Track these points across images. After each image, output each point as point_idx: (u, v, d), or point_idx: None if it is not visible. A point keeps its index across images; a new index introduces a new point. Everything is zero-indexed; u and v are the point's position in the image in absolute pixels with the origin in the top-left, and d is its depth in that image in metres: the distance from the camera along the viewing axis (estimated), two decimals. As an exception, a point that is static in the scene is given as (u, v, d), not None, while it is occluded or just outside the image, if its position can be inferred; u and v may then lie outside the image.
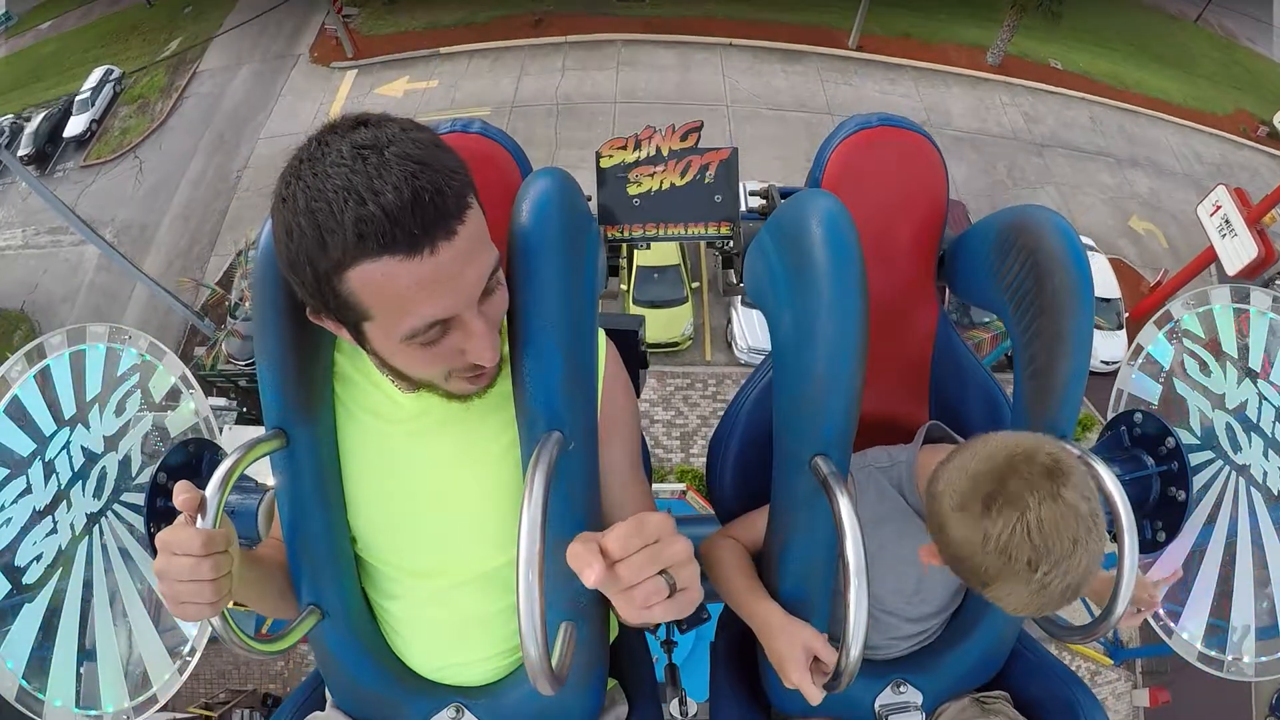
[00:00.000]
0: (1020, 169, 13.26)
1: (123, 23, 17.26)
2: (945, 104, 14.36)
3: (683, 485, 7.71)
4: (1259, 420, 1.26)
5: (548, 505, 0.67)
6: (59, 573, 1.20)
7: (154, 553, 1.18)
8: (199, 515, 0.74)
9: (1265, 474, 1.24)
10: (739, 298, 10.00)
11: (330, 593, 0.93)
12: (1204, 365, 1.29)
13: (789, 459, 0.92)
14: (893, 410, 1.20)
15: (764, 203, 1.36)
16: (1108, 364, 8.84)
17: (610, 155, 1.30)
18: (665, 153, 1.29)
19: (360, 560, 0.97)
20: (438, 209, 0.65)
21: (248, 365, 9.28)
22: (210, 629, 0.89)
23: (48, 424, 1.24)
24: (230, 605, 0.78)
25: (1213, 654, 1.24)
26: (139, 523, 1.22)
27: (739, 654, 1.20)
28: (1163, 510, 1.14)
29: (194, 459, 1.20)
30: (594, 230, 0.92)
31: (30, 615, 1.19)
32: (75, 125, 14.25)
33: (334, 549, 0.93)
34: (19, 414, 1.23)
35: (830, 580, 0.96)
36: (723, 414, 1.26)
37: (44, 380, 1.25)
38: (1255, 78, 16.34)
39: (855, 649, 0.78)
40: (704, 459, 1.27)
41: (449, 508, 0.91)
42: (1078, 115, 14.61)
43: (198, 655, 1.26)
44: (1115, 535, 0.88)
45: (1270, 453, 1.25)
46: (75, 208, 9.67)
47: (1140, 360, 1.32)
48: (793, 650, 0.88)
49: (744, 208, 1.34)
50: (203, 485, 0.77)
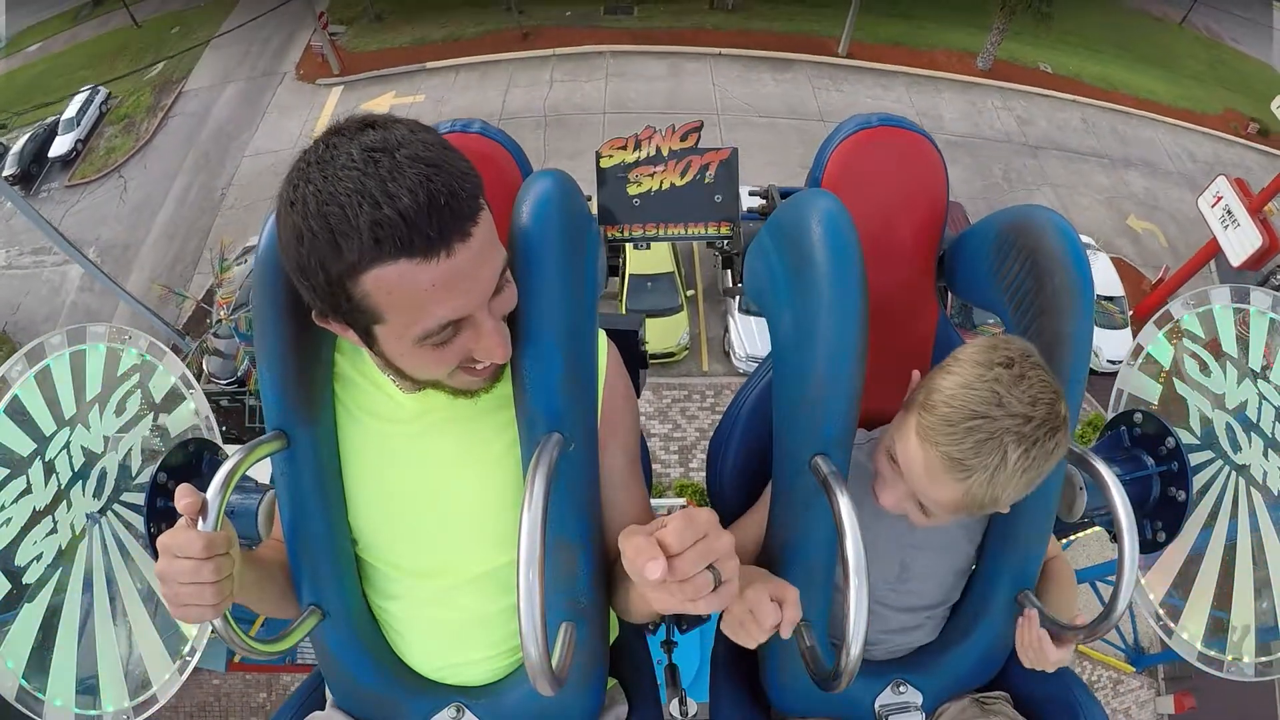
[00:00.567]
0: (1016, 171, 13.25)
1: (110, 44, 17.22)
2: (937, 108, 14.37)
3: (683, 500, 7.53)
4: (1259, 420, 1.26)
5: (548, 505, 0.67)
6: (59, 573, 1.21)
7: (154, 553, 1.18)
8: (200, 518, 0.74)
9: (1265, 474, 1.24)
10: (735, 304, 9.77)
11: (331, 593, 0.93)
12: (1204, 365, 1.30)
13: (789, 459, 0.92)
14: (893, 410, 1.19)
15: (764, 203, 1.36)
16: (1114, 363, 8.85)
17: (610, 155, 1.30)
18: (665, 153, 1.29)
19: (361, 560, 0.97)
20: (453, 211, 0.65)
21: (228, 384, 9.17)
22: (211, 630, 0.89)
23: (48, 424, 1.24)
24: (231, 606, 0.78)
25: (1213, 654, 1.24)
26: (139, 523, 1.22)
27: (739, 654, 1.20)
28: (1163, 510, 1.14)
29: (194, 459, 1.21)
30: (594, 230, 0.92)
31: (30, 615, 1.19)
32: (60, 145, 14.20)
33: (334, 549, 0.93)
34: (19, 414, 1.23)
35: (830, 580, 0.96)
36: (722, 415, 1.26)
37: (44, 380, 1.25)
38: (1242, 77, 16.37)
39: (855, 649, 0.78)
40: (703, 474, 1.27)
41: (449, 508, 0.91)
42: (1070, 117, 14.62)
43: (198, 655, 1.26)
44: (1115, 535, 0.88)
45: (1270, 453, 1.25)
46: (59, 227, 9.55)
47: (1140, 360, 1.32)
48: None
49: (744, 208, 1.34)
50: (203, 485, 0.77)
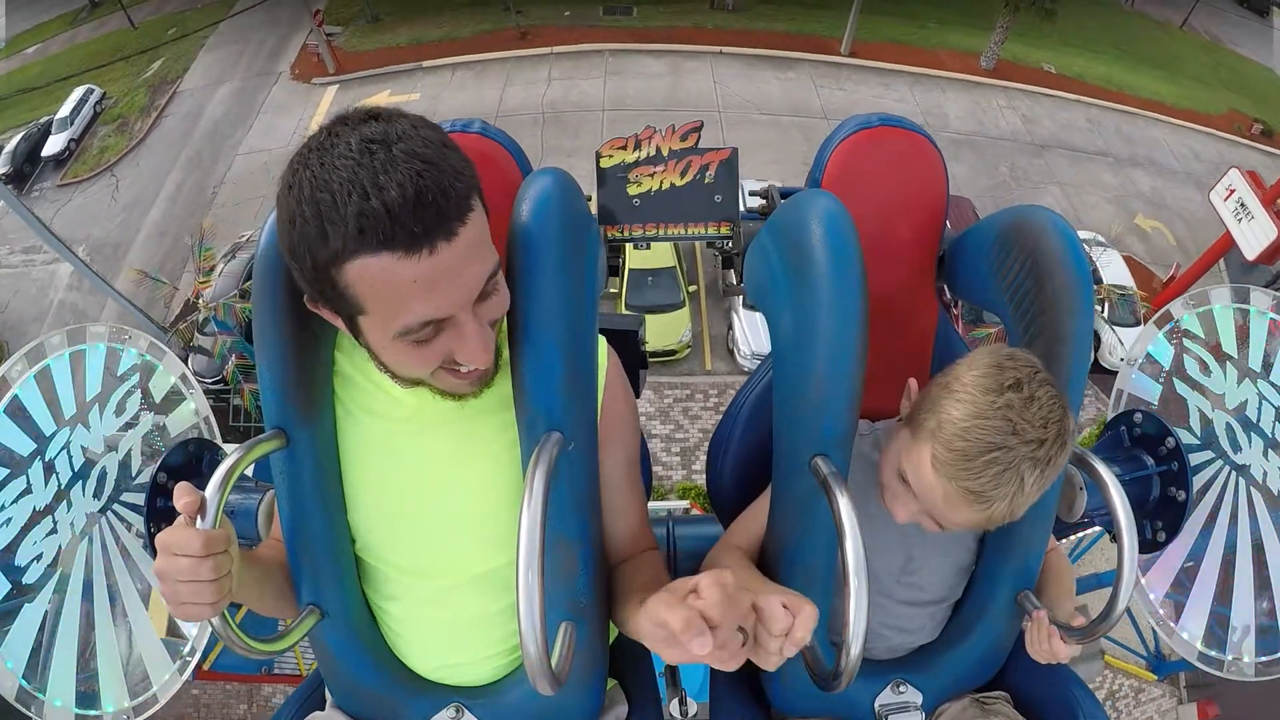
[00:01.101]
0: (1023, 169, 13.21)
1: (106, 45, 17.20)
2: (941, 107, 14.34)
3: (686, 503, 7.31)
4: (1259, 420, 1.26)
5: (548, 505, 0.67)
6: (59, 573, 1.21)
7: (154, 553, 1.18)
8: (199, 516, 0.74)
9: (1265, 474, 1.24)
10: (740, 300, 9.78)
11: (330, 592, 0.93)
12: (1204, 365, 1.30)
13: (789, 459, 0.92)
14: (892, 410, 1.19)
15: (764, 203, 1.36)
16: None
17: (610, 155, 1.30)
18: (665, 153, 1.29)
19: (360, 560, 0.97)
20: (440, 210, 0.65)
21: (214, 383, 9.09)
22: (210, 629, 0.89)
23: (48, 424, 1.24)
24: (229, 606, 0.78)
25: (1213, 654, 1.24)
26: (139, 523, 1.22)
27: (739, 654, 1.20)
28: (1163, 510, 1.14)
29: (194, 459, 1.21)
30: (594, 230, 0.92)
31: (30, 615, 1.19)
32: (54, 144, 14.20)
33: (334, 549, 0.93)
34: (19, 414, 1.23)
35: (831, 580, 0.96)
36: (722, 415, 1.26)
37: (44, 380, 1.25)
38: (1243, 79, 16.39)
39: (855, 649, 0.77)
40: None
41: (449, 508, 0.91)
42: (1074, 117, 14.60)
43: (198, 655, 1.26)
44: (1115, 535, 0.88)
45: (1270, 453, 1.25)
46: (50, 225, 9.47)
47: (1140, 360, 1.32)
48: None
49: (743, 208, 1.34)
50: (203, 485, 0.77)
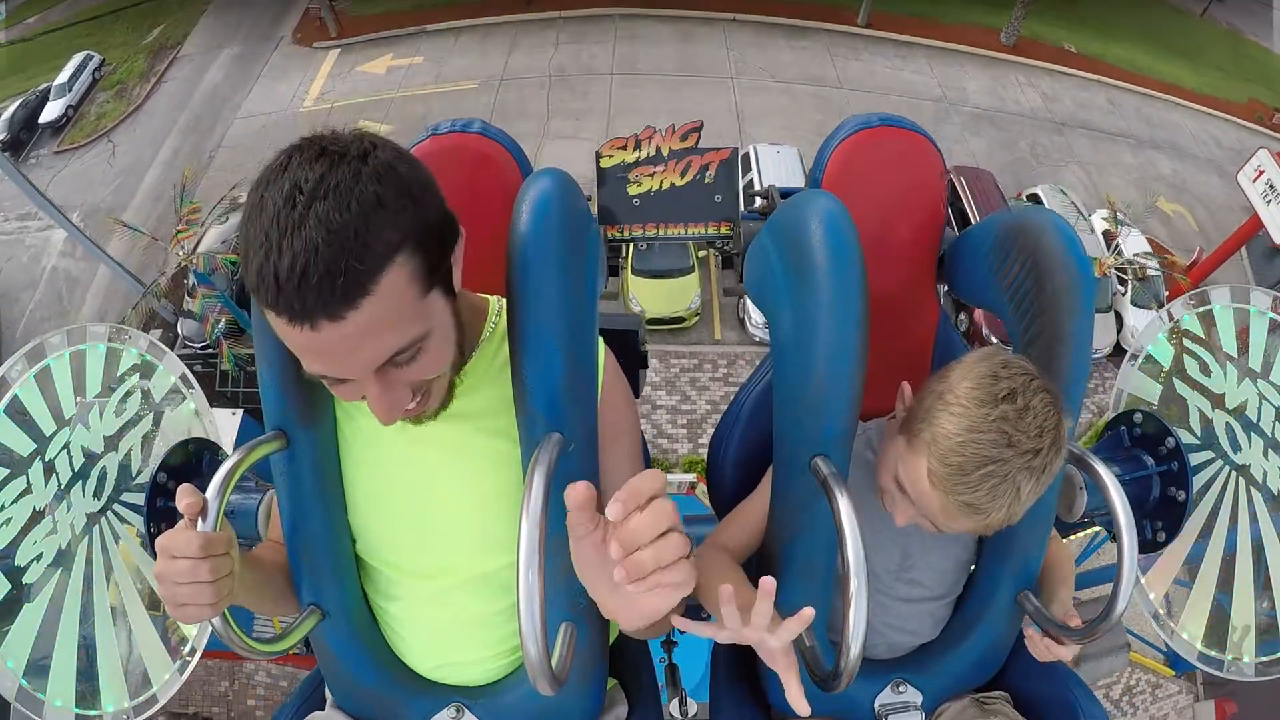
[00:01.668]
0: (1043, 147, 13.01)
1: (108, 12, 16.92)
2: (960, 81, 14.17)
3: (692, 476, 7.00)
4: (1259, 420, 1.26)
5: (548, 506, 0.67)
6: (59, 573, 1.21)
7: (154, 553, 1.18)
8: (199, 518, 0.74)
9: (1265, 474, 1.24)
10: None
11: (330, 593, 0.93)
12: (1204, 365, 1.30)
13: (789, 459, 0.92)
14: (892, 410, 1.20)
15: (764, 203, 1.36)
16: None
17: (610, 155, 1.30)
18: (665, 153, 1.29)
19: (360, 561, 0.97)
20: (319, 293, 0.62)
21: (203, 349, 8.86)
22: (211, 630, 0.89)
23: (48, 424, 1.24)
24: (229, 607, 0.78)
25: (1213, 654, 1.24)
26: (139, 523, 1.22)
27: (739, 654, 1.20)
28: (1163, 510, 1.14)
29: (194, 459, 1.21)
30: (594, 230, 0.92)
31: (30, 615, 1.19)
32: (51, 111, 14.00)
33: (334, 549, 0.93)
34: (19, 414, 1.23)
35: (831, 580, 0.96)
36: (723, 414, 1.26)
37: (44, 380, 1.25)
38: (1263, 69, 16.20)
39: (855, 649, 0.78)
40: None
41: (449, 509, 0.91)
42: (1094, 97, 14.41)
43: (198, 655, 1.26)
44: (1115, 535, 0.88)
45: (1270, 453, 1.25)
46: (46, 192, 9.30)
47: (1140, 360, 1.32)
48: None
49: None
50: (203, 485, 0.77)
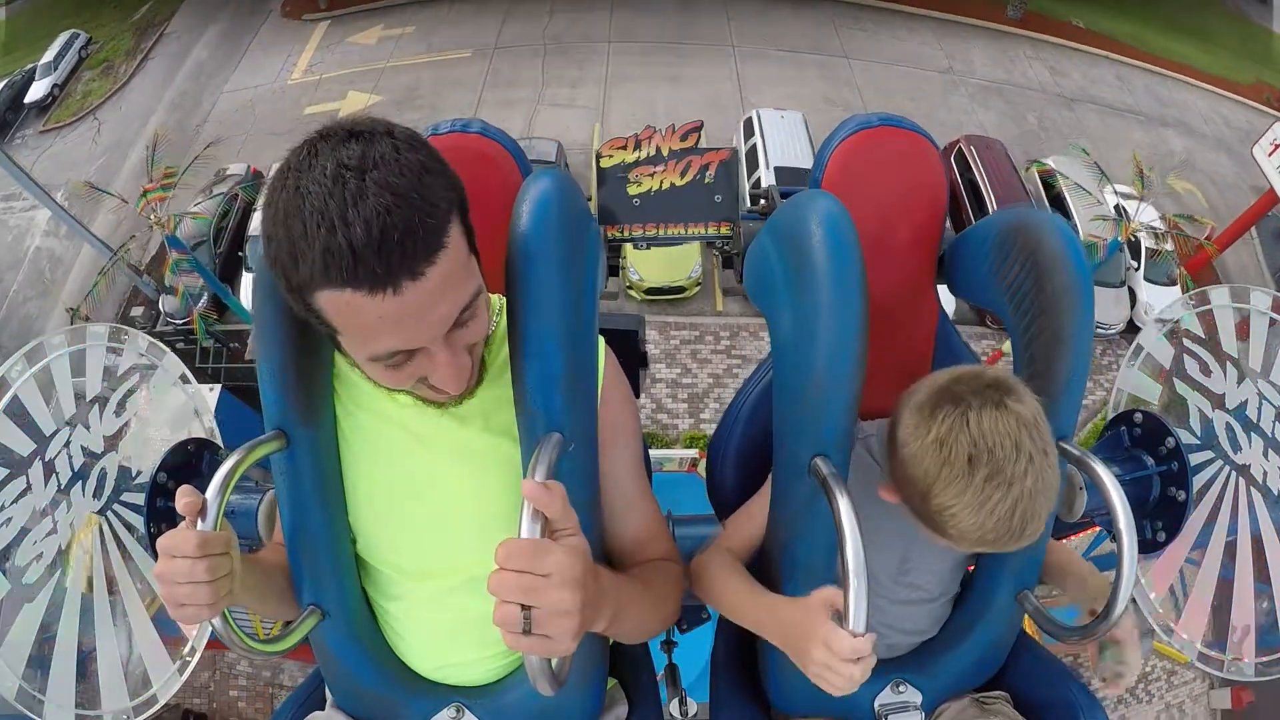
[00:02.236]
0: (1052, 120, 12.95)
1: None
2: (967, 53, 14.14)
3: (693, 452, 6.72)
4: (1259, 420, 1.26)
5: None
6: (59, 573, 1.21)
7: (154, 553, 1.18)
8: (199, 518, 0.74)
9: (1265, 474, 1.24)
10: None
11: (331, 593, 0.93)
12: (1204, 365, 1.30)
13: (789, 460, 0.92)
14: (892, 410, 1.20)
15: (764, 203, 1.36)
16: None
17: (610, 155, 1.30)
18: (665, 153, 1.29)
19: (361, 561, 0.97)
20: (404, 250, 0.63)
21: (185, 323, 8.81)
22: (211, 630, 0.89)
23: (48, 424, 1.24)
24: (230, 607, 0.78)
25: (1213, 654, 1.24)
26: (139, 522, 1.22)
27: (739, 654, 1.20)
28: (1163, 510, 1.14)
29: (194, 459, 1.21)
30: (594, 231, 0.92)
31: (30, 615, 1.19)
32: (37, 90, 13.89)
33: (334, 549, 0.93)
34: (19, 414, 1.23)
35: (830, 580, 0.95)
36: (723, 414, 1.26)
37: (44, 380, 1.25)
38: (1269, 52, 16.05)
39: None
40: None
41: (449, 509, 0.91)
42: (1104, 73, 14.35)
43: (198, 655, 1.26)
44: (1115, 535, 0.88)
45: (1270, 453, 1.25)
46: (31, 172, 9.26)
47: (1140, 360, 1.32)
48: (819, 624, 0.78)
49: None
50: (203, 485, 0.77)
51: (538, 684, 0.66)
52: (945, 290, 1.20)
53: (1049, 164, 10.77)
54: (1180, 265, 9.49)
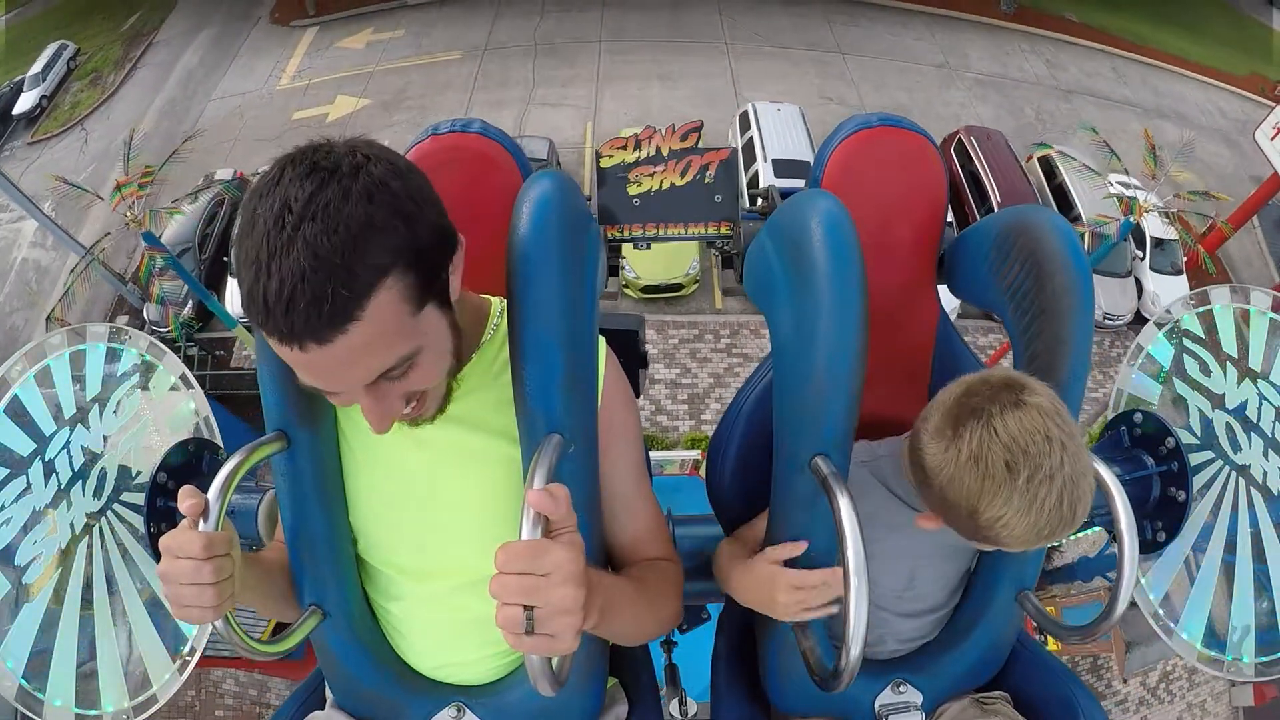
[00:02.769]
0: (1049, 113, 12.99)
1: (84, 2, 16.87)
2: (962, 47, 14.18)
3: (695, 453, 6.59)
4: (1259, 420, 1.26)
5: None
6: (59, 573, 1.21)
7: (154, 553, 1.18)
8: (201, 519, 0.74)
9: (1265, 474, 1.24)
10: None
11: (332, 593, 0.93)
12: (1204, 365, 1.30)
13: (789, 459, 0.92)
14: (893, 410, 1.20)
15: (764, 203, 1.36)
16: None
17: (610, 155, 1.30)
18: (665, 153, 1.29)
19: (361, 561, 0.97)
20: (308, 318, 0.62)
21: (167, 333, 8.79)
22: (211, 630, 0.89)
23: (48, 424, 1.24)
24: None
25: (1212, 654, 1.24)
26: (139, 523, 1.22)
27: (739, 654, 1.20)
28: (1163, 510, 1.14)
29: (194, 459, 1.21)
30: (594, 231, 0.92)
31: (30, 615, 1.19)
32: (25, 101, 13.90)
33: (335, 550, 0.93)
34: (19, 414, 1.23)
35: None
36: (723, 414, 1.26)
37: (44, 380, 1.25)
38: (1263, 44, 16.07)
39: (855, 649, 0.78)
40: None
41: (449, 510, 0.91)
42: (1099, 66, 14.39)
43: (198, 655, 1.26)
44: (1115, 535, 0.88)
45: (1270, 453, 1.25)
46: (19, 183, 9.26)
47: (1140, 360, 1.32)
48: (773, 572, 0.89)
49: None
50: (203, 485, 0.77)
51: (538, 684, 0.66)
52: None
53: (1054, 148, 10.70)
54: (1198, 243, 9.32)
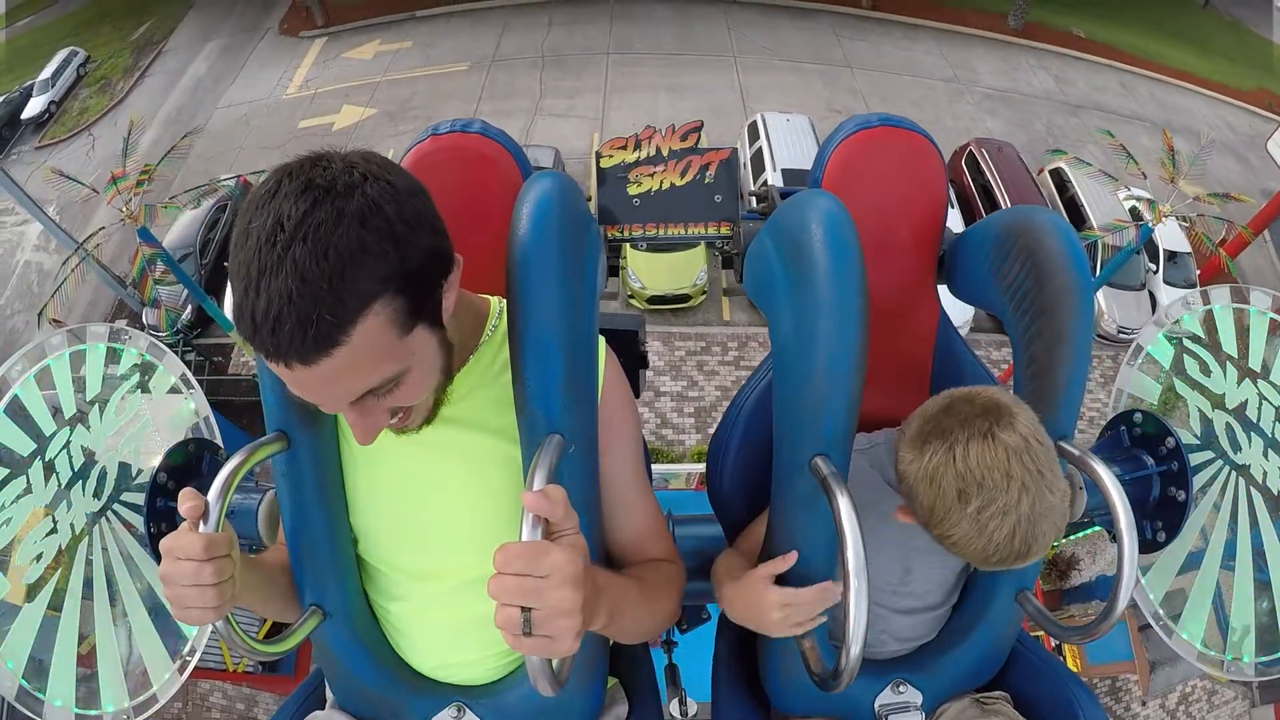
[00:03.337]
0: (1059, 127, 13.02)
1: (95, 11, 17.09)
2: (970, 62, 14.25)
3: (703, 466, 6.72)
4: (1259, 420, 1.26)
5: None
6: (59, 573, 1.21)
7: (154, 553, 1.18)
8: (201, 520, 0.74)
9: (1265, 474, 1.24)
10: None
11: (332, 593, 0.94)
12: (1204, 365, 1.30)
13: (789, 459, 0.92)
14: (893, 410, 1.20)
15: (764, 203, 1.36)
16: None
17: (610, 155, 1.30)
18: (665, 153, 1.29)
19: (362, 561, 0.97)
20: (293, 339, 0.62)
21: (164, 336, 8.83)
22: (211, 630, 0.89)
23: (48, 424, 1.24)
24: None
25: (1212, 654, 1.24)
26: (139, 523, 1.22)
27: (740, 654, 1.20)
28: (1163, 510, 1.14)
29: (194, 459, 1.21)
30: (594, 231, 0.92)
31: (30, 615, 1.19)
32: (34, 106, 14.02)
33: (336, 550, 0.93)
34: (19, 414, 1.23)
35: (831, 580, 0.96)
36: (723, 415, 1.26)
37: (44, 380, 1.25)
38: (1267, 60, 16.14)
39: (855, 649, 0.78)
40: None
41: (449, 510, 0.91)
42: (1107, 81, 14.47)
43: (198, 655, 1.26)
44: (1115, 535, 0.88)
45: (1270, 453, 1.25)
46: (25, 187, 9.25)
47: (1140, 360, 1.32)
48: (761, 592, 0.89)
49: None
50: (203, 485, 0.77)
51: (538, 684, 0.66)
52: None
53: (1070, 154, 10.62)
54: (1219, 247, 9.25)
